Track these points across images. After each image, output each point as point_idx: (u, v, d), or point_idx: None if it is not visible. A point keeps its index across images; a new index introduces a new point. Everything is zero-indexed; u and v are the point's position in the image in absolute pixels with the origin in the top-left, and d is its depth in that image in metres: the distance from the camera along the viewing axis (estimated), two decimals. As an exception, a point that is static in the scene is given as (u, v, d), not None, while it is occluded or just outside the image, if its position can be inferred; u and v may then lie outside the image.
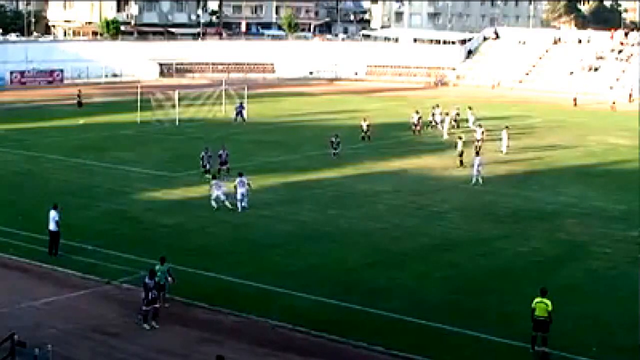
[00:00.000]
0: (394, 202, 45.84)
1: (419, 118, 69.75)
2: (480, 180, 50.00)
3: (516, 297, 30.36)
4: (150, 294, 27.48)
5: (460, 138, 57.78)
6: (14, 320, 26.99)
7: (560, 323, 26.45)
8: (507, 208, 44.89)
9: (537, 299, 26.21)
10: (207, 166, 50.37)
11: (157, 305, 27.73)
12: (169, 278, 29.04)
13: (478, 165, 50.46)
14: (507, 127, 62.80)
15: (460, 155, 55.87)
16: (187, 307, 29.41)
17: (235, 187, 42.93)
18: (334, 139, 57.50)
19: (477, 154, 51.51)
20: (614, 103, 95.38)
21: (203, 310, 29.14)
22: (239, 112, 75.12)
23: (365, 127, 65.99)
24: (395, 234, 39.36)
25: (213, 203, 42.94)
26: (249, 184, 43.40)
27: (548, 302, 26.03)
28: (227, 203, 42.71)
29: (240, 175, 43.54)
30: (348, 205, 44.64)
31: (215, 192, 43.04)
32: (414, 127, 69.23)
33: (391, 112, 77.60)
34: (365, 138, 65.43)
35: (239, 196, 42.84)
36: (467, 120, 71.37)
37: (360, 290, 31.25)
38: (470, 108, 72.52)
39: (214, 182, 43.83)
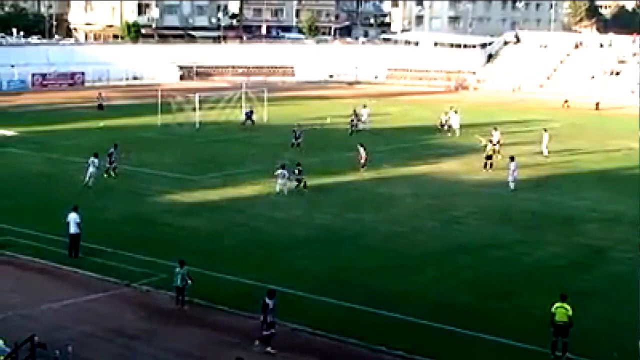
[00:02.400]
0: (414, 206, 45.78)
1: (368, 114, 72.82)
2: (512, 186, 49.84)
3: (536, 301, 30.23)
4: (269, 316, 25.84)
5: (490, 141, 57.77)
6: (34, 322, 27.11)
7: (580, 328, 26.32)
8: (526, 212, 44.73)
9: (557, 304, 26.11)
10: (114, 164, 51.18)
11: (274, 330, 26.01)
12: (189, 280, 29.12)
13: (513, 171, 50.04)
14: (545, 129, 62.79)
15: (489, 158, 55.99)
16: (206, 309, 29.46)
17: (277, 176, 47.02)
18: (362, 150, 54.85)
19: (512, 159, 50.99)
20: (597, 104, 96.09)
21: (222, 313, 29.18)
22: (249, 116, 75.54)
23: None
24: (414, 238, 39.31)
25: (277, 188, 46.65)
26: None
27: (568, 306, 25.93)
28: (277, 188, 46.88)
29: (283, 167, 47.20)
30: (367, 209, 44.60)
31: (279, 181, 46.71)
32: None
33: (411, 115, 77.48)
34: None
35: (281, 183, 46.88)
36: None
37: (380, 293, 31.20)
38: (456, 111, 72.46)
39: (279, 171, 46.94)
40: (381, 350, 26.20)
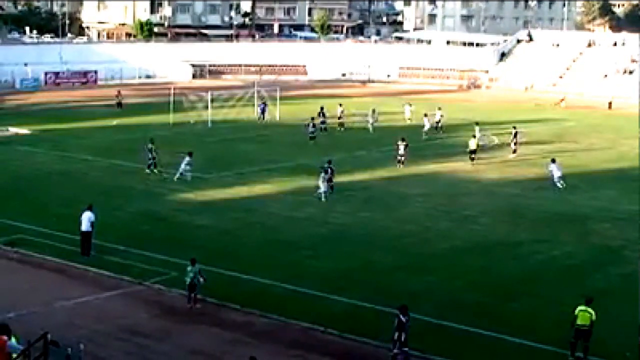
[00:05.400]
0: (426, 205, 45.73)
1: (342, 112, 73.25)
2: (559, 185, 50.05)
3: (549, 301, 30.24)
4: (403, 335, 24.70)
5: (474, 137, 57.88)
6: (47, 319, 27.13)
7: (594, 328, 26.24)
8: (539, 211, 44.64)
9: (581, 307, 25.83)
10: (156, 159, 51.82)
11: (407, 349, 24.80)
12: (201, 279, 29.16)
13: (551, 171, 50.57)
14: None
15: (472, 153, 57.18)
16: (219, 308, 29.51)
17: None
18: (402, 146, 55.82)
19: (554, 161, 51.20)
20: (610, 103, 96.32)
21: (235, 311, 29.22)
22: (263, 110, 77.03)
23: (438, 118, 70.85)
24: (427, 237, 39.28)
25: (322, 195, 45.56)
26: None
27: (592, 311, 25.67)
28: (322, 194, 45.52)
29: (326, 172, 46.19)
30: (380, 208, 44.56)
31: (321, 184, 45.45)
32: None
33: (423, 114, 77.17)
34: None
35: (323, 188, 45.54)
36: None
37: (392, 293, 31.13)
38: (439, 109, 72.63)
39: (323, 174, 45.97)
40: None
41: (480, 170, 55.19)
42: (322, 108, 71.61)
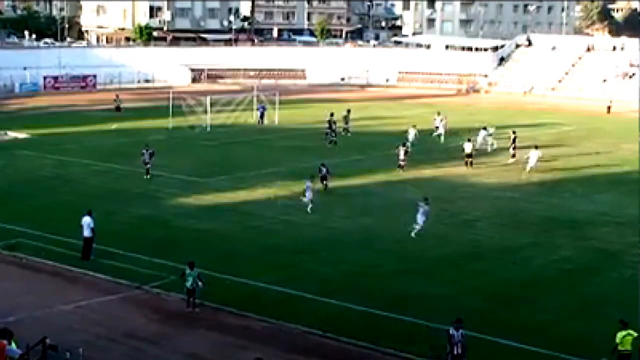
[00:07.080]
0: (425, 209, 45.67)
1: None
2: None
3: (548, 305, 30.22)
4: (455, 348, 24.40)
5: (469, 140, 57.90)
6: (45, 324, 27.16)
7: (592, 331, 26.24)
8: (538, 216, 44.63)
9: (622, 332, 25.12)
10: (149, 165, 51.76)
11: None
12: (199, 283, 29.13)
13: (532, 159, 55.09)
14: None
15: (469, 156, 57.41)
16: (216, 312, 29.50)
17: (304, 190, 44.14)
18: (402, 151, 55.88)
19: (536, 147, 56.39)
20: (609, 107, 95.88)
21: (233, 315, 29.20)
22: (262, 115, 77.39)
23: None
24: (426, 242, 39.20)
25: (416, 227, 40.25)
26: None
27: (634, 333, 25.14)
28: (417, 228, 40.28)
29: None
30: (379, 212, 44.54)
31: (419, 217, 40.44)
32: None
33: (422, 119, 77.17)
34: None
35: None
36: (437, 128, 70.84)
37: (391, 297, 31.17)
38: (438, 113, 72.64)
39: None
40: (392, 353, 26.18)
41: (480, 175, 55.17)
42: (331, 114, 69.59)
